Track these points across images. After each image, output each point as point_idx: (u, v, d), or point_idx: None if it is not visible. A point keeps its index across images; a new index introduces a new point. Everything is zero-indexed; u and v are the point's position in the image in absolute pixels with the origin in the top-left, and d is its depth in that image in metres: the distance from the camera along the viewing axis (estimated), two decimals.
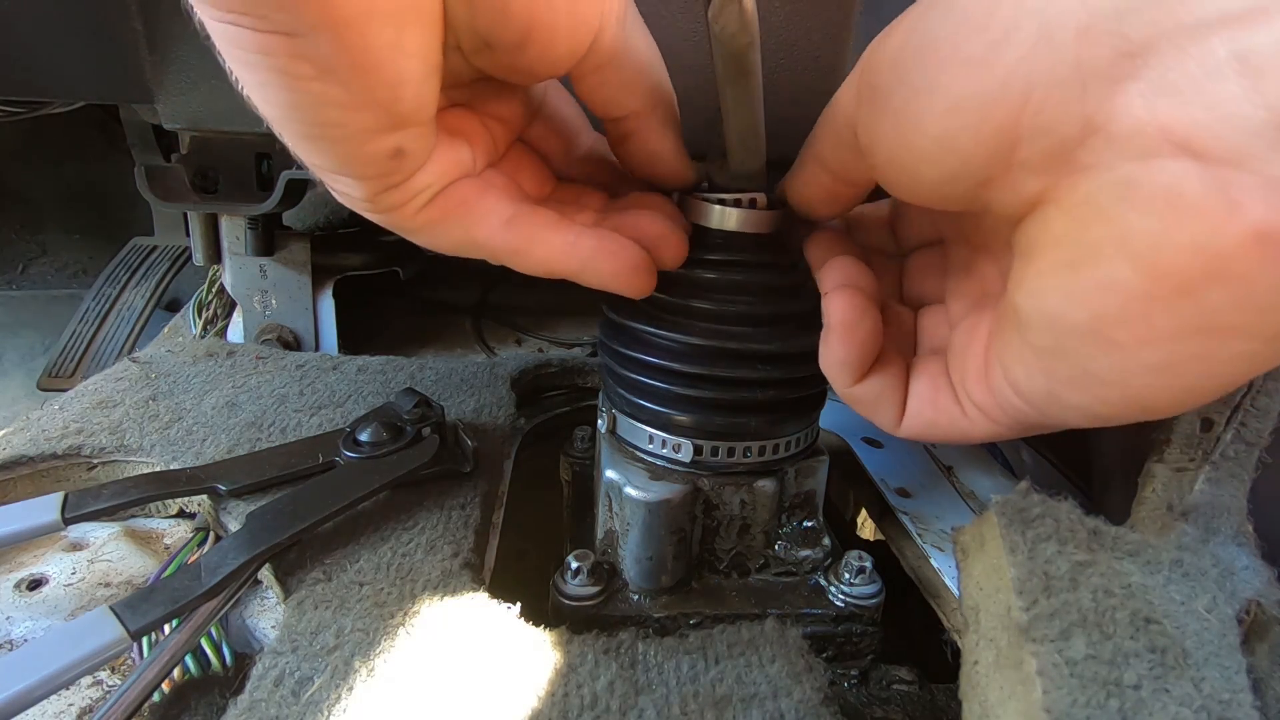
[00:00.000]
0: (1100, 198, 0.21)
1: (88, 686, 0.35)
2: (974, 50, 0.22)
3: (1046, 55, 0.20)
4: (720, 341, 0.33)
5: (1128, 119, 0.19)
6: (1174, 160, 0.19)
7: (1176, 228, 0.19)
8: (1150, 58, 0.19)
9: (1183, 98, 0.18)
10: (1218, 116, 0.18)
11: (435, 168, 0.28)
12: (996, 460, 0.52)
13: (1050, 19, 0.20)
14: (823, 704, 0.30)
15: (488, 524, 0.41)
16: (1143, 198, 0.19)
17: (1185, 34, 0.18)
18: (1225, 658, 0.25)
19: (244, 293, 0.67)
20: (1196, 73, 0.18)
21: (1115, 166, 0.20)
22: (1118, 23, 0.19)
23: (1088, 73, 0.20)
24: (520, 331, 0.78)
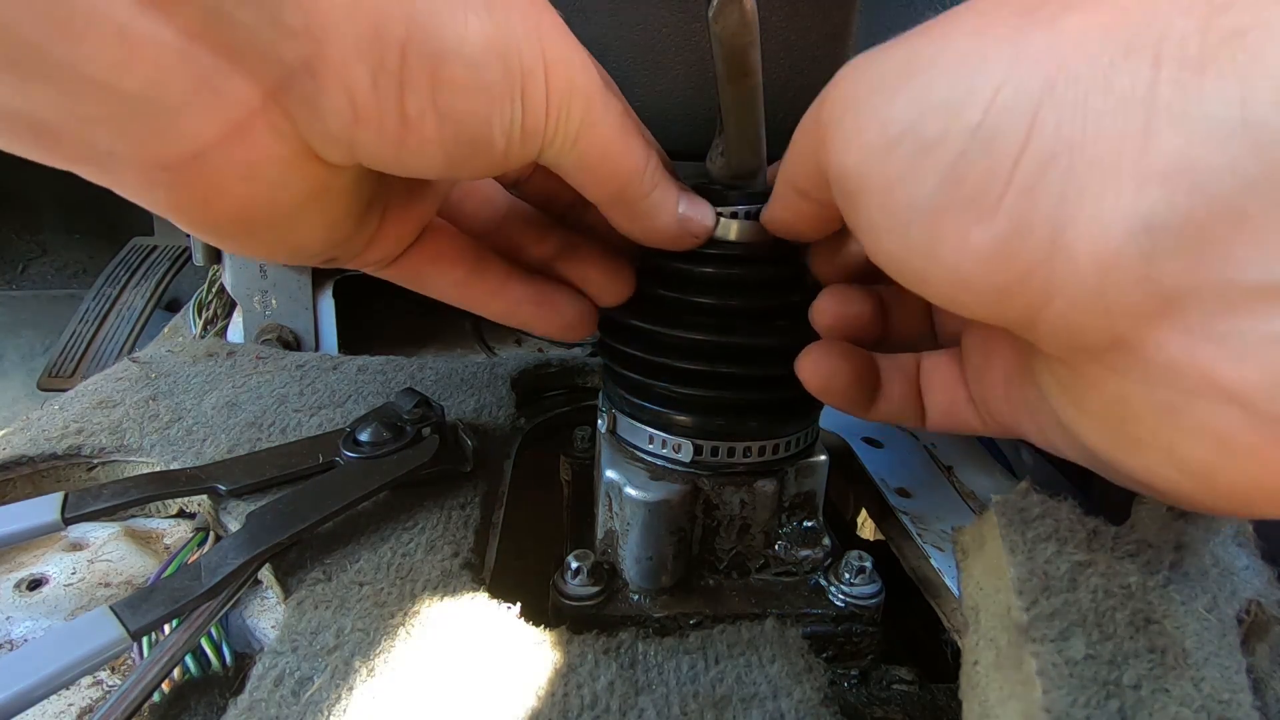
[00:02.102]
0: (1137, 406, 0.19)
1: (88, 686, 0.35)
2: (979, 241, 0.19)
3: (1064, 272, 0.18)
4: (721, 337, 0.33)
5: (1163, 354, 0.18)
6: (1220, 405, 0.17)
7: (1229, 466, 0.18)
8: (1188, 305, 0.17)
9: (1231, 351, 0.17)
10: (1277, 382, 0.16)
11: (383, 248, 0.31)
12: (996, 460, 0.52)
13: (1066, 238, 0.18)
14: (823, 704, 0.30)
15: (488, 524, 0.41)
16: (1188, 428, 0.18)
17: (1233, 291, 0.16)
18: (1225, 658, 0.25)
19: (244, 293, 0.67)
20: (1249, 333, 0.16)
21: (1152, 388, 0.18)
22: (1145, 266, 0.17)
23: (1112, 302, 0.18)
24: (520, 331, 0.78)
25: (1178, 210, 0.16)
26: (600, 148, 0.27)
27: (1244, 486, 0.18)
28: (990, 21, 0.20)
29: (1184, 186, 0.16)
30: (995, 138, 0.19)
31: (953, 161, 0.19)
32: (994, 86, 0.19)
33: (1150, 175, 0.17)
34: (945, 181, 0.20)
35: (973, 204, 0.19)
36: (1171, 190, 0.16)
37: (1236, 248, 0.16)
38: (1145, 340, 0.18)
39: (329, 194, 0.26)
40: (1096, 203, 0.17)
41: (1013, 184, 0.18)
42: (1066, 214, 0.18)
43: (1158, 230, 0.17)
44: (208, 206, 0.23)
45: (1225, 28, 0.16)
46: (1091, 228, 0.17)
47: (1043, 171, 0.18)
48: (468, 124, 0.23)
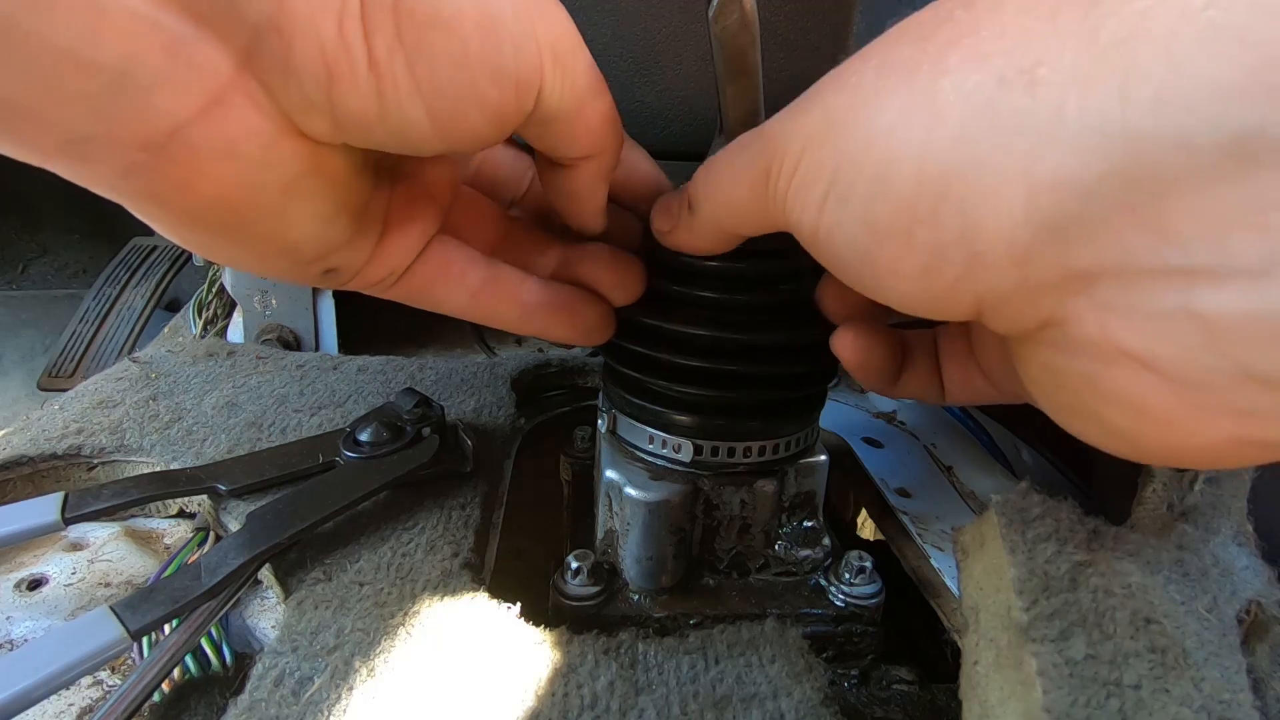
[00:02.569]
0: (1066, 377, 0.21)
1: (88, 686, 0.35)
2: (906, 267, 0.21)
3: (985, 277, 0.20)
4: (721, 333, 0.33)
5: (1083, 328, 0.19)
6: (1135, 372, 0.18)
7: (1148, 428, 0.19)
8: (1099, 282, 0.18)
9: (1136, 327, 0.18)
10: (1179, 354, 0.17)
11: (387, 261, 0.30)
12: (996, 460, 0.52)
13: (978, 249, 0.19)
14: (823, 704, 0.30)
15: (488, 524, 0.41)
16: (1109, 396, 0.19)
17: (1132, 272, 0.17)
18: (1225, 658, 0.25)
19: (244, 293, 0.67)
20: (1147, 309, 0.17)
21: (1076, 360, 0.20)
22: (1058, 253, 0.18)
23: (1034, 287, 0.19)
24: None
25: (1070, 213, 0.18)
26: (589, 90, 0.27)
27: (1164, 446, 0.20)
28: (889, 60, 0.21)
29: (1074, 194, 0.17)
30: (891, 182, 0.20)
31: (864, 208, 0.21)
32: (886, 134, 0.20)
33: (1038, 188, 0.18)
34: (864, 225, 0.22)
35: (890, 241, 0.21)
36: (1061, 197, 0.17)
37: (1130, 237, 0.17)
38: (1068, 316, 0.19)
39: (318, 179, 0.25)
40: (995, 219, 0.19)
41: (916, 220, 0.20)
42: (972, 233, 0.19)
43: (1058, 229, 0.18)
44: (188, 191, 0.23)
45: (1103, 41, 0.17)
46: (998, 238, 0.19)
47: (938, 204, 0.20)
48: (443, 65, 0.23)
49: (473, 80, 0.23)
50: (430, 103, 0.23)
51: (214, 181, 0.23)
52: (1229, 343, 0.17)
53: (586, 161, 0.29)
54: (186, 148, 0.22)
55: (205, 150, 0.22)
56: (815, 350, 0.34)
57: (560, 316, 0.34)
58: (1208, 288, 0.16)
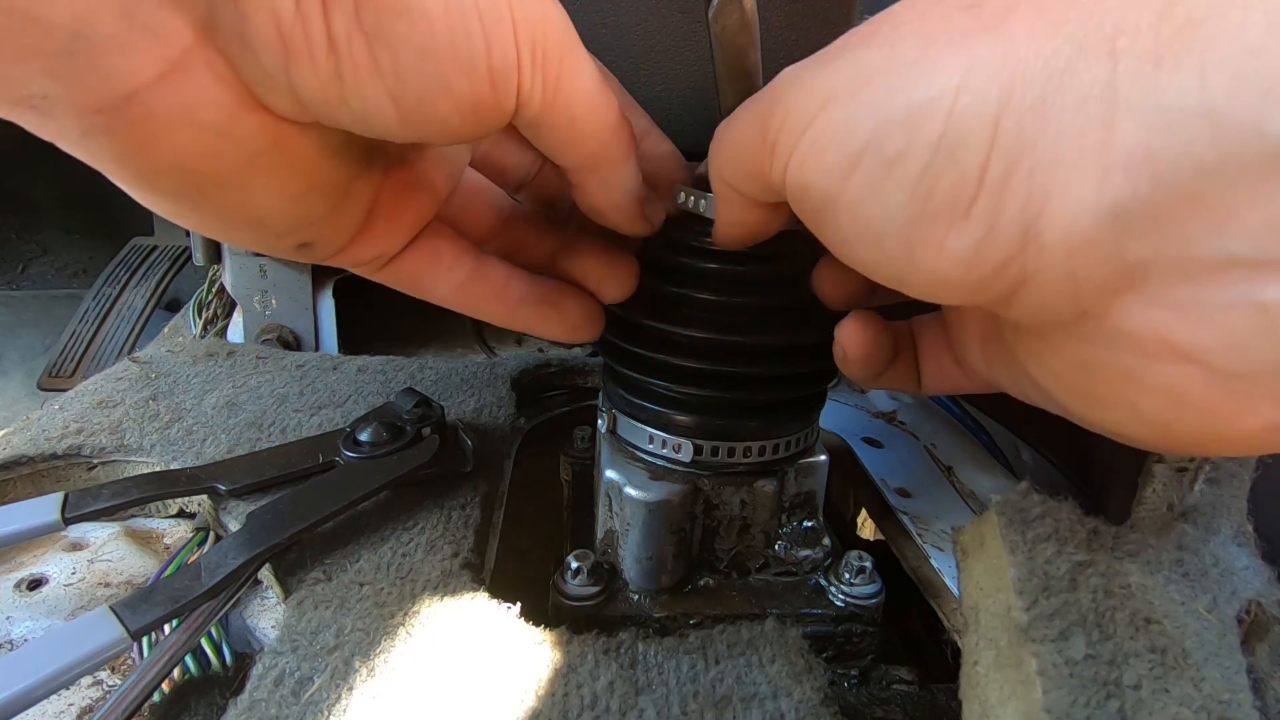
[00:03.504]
0: (1101, 369, 0.20)
1: (88, 686, 0.35)
2: (954, 246, 0.20)
3: (1037, 261, 0.19)
4: (721, 335, 0.33)
5: (1127, 322, 0.19)
6: (1177, 365, 0.18)
7: (1186, 417, 0.19)
8: (1151, 278, 0.18)
9: (1188, 318, 0.18)
10: (1231, 345, 0.17)
11: (375, 245, 0.29)
12: (996, 460, 0.52)
13: (1038, 228, 0.19)
14: (823, 704, 0.30)
15: (488, 524, 0.41)
16: (1148, 388, 0.19)
17: (1191, 265, 0.17)
18: (1225, 658, 0.25)
19: (244, 293, 0.67)
20: (1205, 301, 0.17)
21: (1115, 353, 0.20)
22: (1115, 245, 0.18)
23: (1081, 281, 0.19)
24: (520, 331, 0.78)
25: (1140, 196, 0.17)
26: (584, 96, 0.26)
27: (1200, 434, 0.20)
28: (932, 24, 0.20)
29: (1146, 174, 0.17)
30: (959, 148, 0.19)
31: (919, 174, 0.20)
32: (951, 96, 0.19)
33: (1113, 166, 0.17)
34: (914, 194, 0.20)
35: (944, 212, 0.20)
36: (1134, 179, 0.17)
37: (1193, 226, 0.17)
38: (1110, 311, 0.19)
39: (283, 155, 0.24)
40: (1063, 195, 0.18)
41: (982, 190, 0.19)
42: (1035, 209, 0.19)
43: (1123, 215, 0.17)
44: (147, 155, 0.22)
45: (1180, 18, 0.16)
46: (1061, 218, 0.18)
47: (1009, 174, 0.19)
48: (405, 54, 0.21)
49: (439, 70, 0.22)
50: (393, 89, 0.22)
51: (173, 148, 0.22)
52: None
53: (589, 174, 0.28)
54: (145, 112, 0.21)
55: (164, 116, 0.21)
56: (815, 351, 0.34)
57: (545, 312, 0.33)
58: (1273, 279, 0.16)
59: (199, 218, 0.25)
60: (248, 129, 0.22)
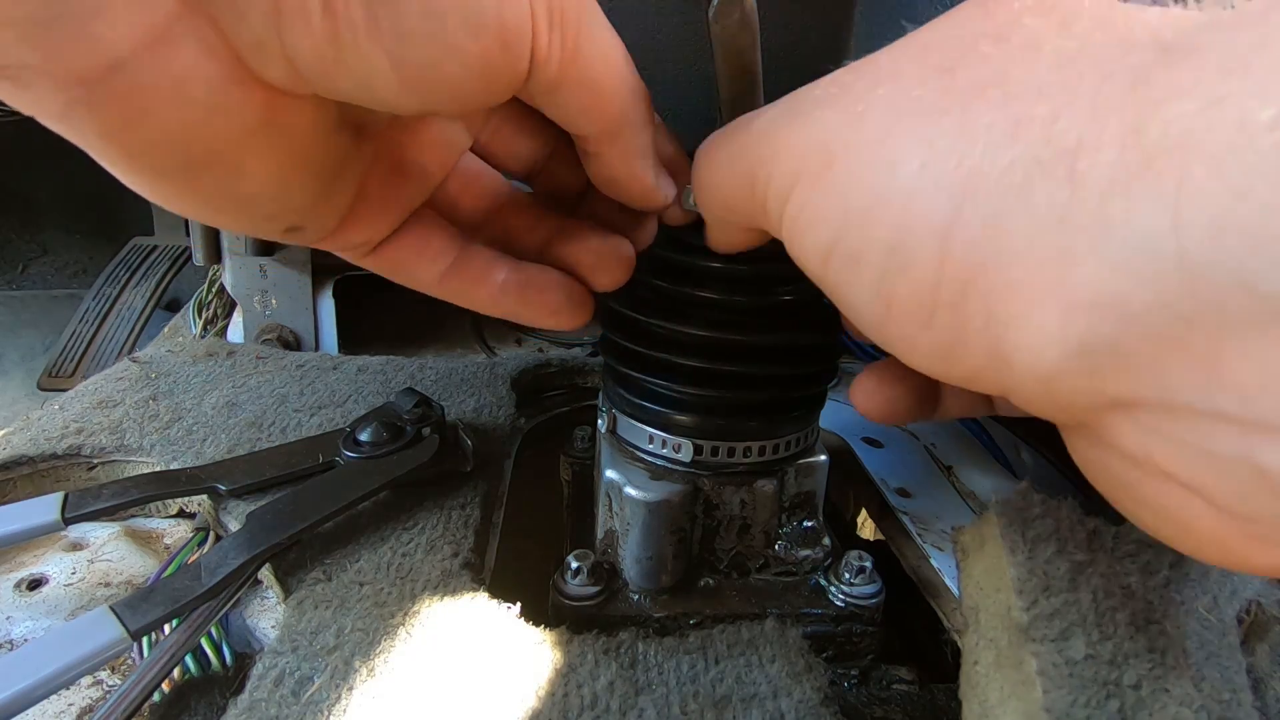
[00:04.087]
0: (1105, 474, 0.19)
1: (88, 686, 0.35)
2: (922, 344, 0.19)
3: (1010, 378, 0.18)
4: (722, 334, 0.33)
5: (1122, 441, 0.17)
6: (1181, 494, 0.16)
7: (1193, 542, 0.18)
8: (1138, 408, 0.16)
9: (1183, 455, 0.16)
10: (1231, 492, 0.15)
11: (362, 231, 0.28)
12: (996, 460, 0.52)
13: (1003, 351, 0.17)
14: (823, 704, 0.30)
15: (488, 524, 0.41)
16: (1152, 507, 0.18)
17: (1177, 409, 0.15)
18: (1225, 658, 0.25)
19: (244, 293, 0.67)
20: (1201, 449, 0.15)
21: (1116, 465, 0.18)
22: (1089, 380, 0.16)
23: (1062, 405, 0.17)
24: (520, 331, 0.78)
25: (1108, 338, 0.15)
26: (604, 58, 0.24)
27: (1204, 556, 0.18)
28: (905, 90, 0.19)
29: (1112, 317, 0.15)
30: (910, 258, 0.18)
31: (878, 277, 0.19)
32: (905, 195, 0.18)
33: (1075, 304, 0.15)
34: (878, 295, 0.19)
35: (908, 318, 0.19)
36: (1099, 319, 0.15)
37: (1175, 375, 0.15)
38: (1104, 427, 0.17)
39: (278, 132, 0.22)
40: (1023, 326, 0.16)
41: (938, 303, 0.18)
42: (997, 332, 0.17)
43: (1091, 355, 0.16)
44: (133, 130, 0.20)
45: (1150, 141, 0.14)
46: (1025, 349, 0.17)
47: (963, 294, 0.17)
48: (407, 9, 0.20)
49: (444, 30, 0.20)
50: (394, 51, 0.20)
51: (160, 124, 0.20)
52: None
53: (610, 142, 0.27)
54: (130, 85, 0.19)
55: (150, 90, 0.20)
56: (815, 351, 0.34)
57: (527, 296, 0.32)
58: (1268, 442, 0.14)
59: (186, 200, 0.23)
60: (239, 103, 0.21)
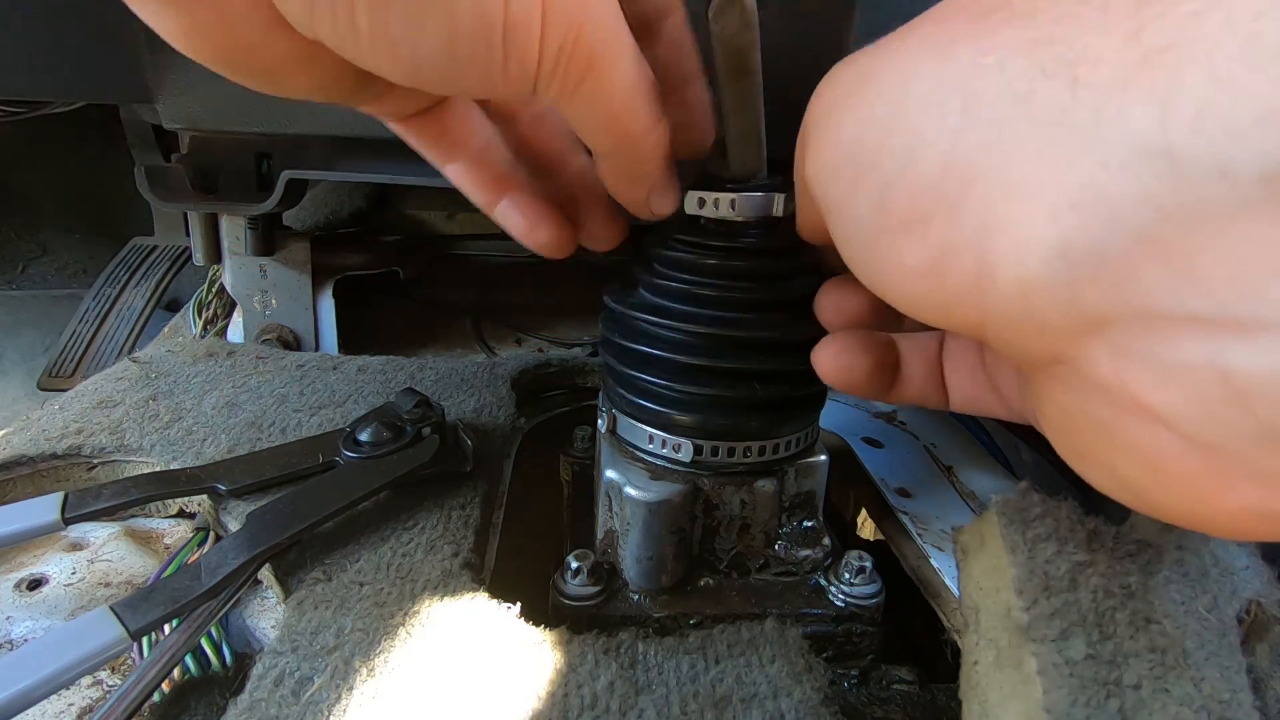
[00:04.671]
0: (1078, 421, 0.19)
1: (88, 686, 0.35)
2: (913, 260, 0.19)
3: (992, 294, 0.18)
4: (721, 331, 0.33)
5: (1096, 371, 0.17)
6: (1153, 427, 0.17)
7: (1164, 486, 0.18)
8: (1113, 326, 0.16)
9: (1152, 374, 0.16)
10: (1199, 412, 0.16)
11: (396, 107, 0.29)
12: (996, 460, 0.52)
13: (987, 260, 0.18)
14: (823, 704, 0.30)
15: (488, 524, 0.41)
16: (1124, 447, 0.18)
17: (1150, 318, 0.16)
18: (1225, 658, 0.25)
19: (244, 293, 0.67)
20: (1167, 359, 0.16)
21: (1090, 403, 0.18)
22: (1068, 290, 0.16)
23: (1040, 323, 0.18)
24: (520, 331, 0.78)
25: (1092, 238, 0.16)
26: (606, 103, 0.25)
27: (1176, 507, 0.18)
28: (939, 29, 0.20)
29: (1099, 215, 0.16)
30: (917, 160, 0.19)
31: (884, 183, 0.20)
32: (920, 104, 0.19)
33: (1064, 203, 0.16)
34: (879, 203, 0.20)
35: (903, 226, 0.19)
36: (1085, 219, 0.16)
37: (1151, 277, 0.15)
38: (1079, 356, 0.18)
39: (314, 60, 0.24)
40: (1014, 228, 0.17)
41: (936, 207, 0.19)
42: (988, 238, 0.18)
43: (1073, 258, 0.16)
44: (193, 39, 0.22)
45: (1145, 45, 0.15)
46: (1010, 253, 0.17)
47: (962, 195, 0.18)
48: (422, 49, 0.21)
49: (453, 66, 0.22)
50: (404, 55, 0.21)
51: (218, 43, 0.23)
52: (1258, 404, 0.15)
53: (604, 158, 0.28)
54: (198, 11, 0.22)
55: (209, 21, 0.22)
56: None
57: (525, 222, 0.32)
58: (1237, 342, 0.15)
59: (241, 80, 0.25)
60: (276, 39, 0.22)
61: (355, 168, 0.56)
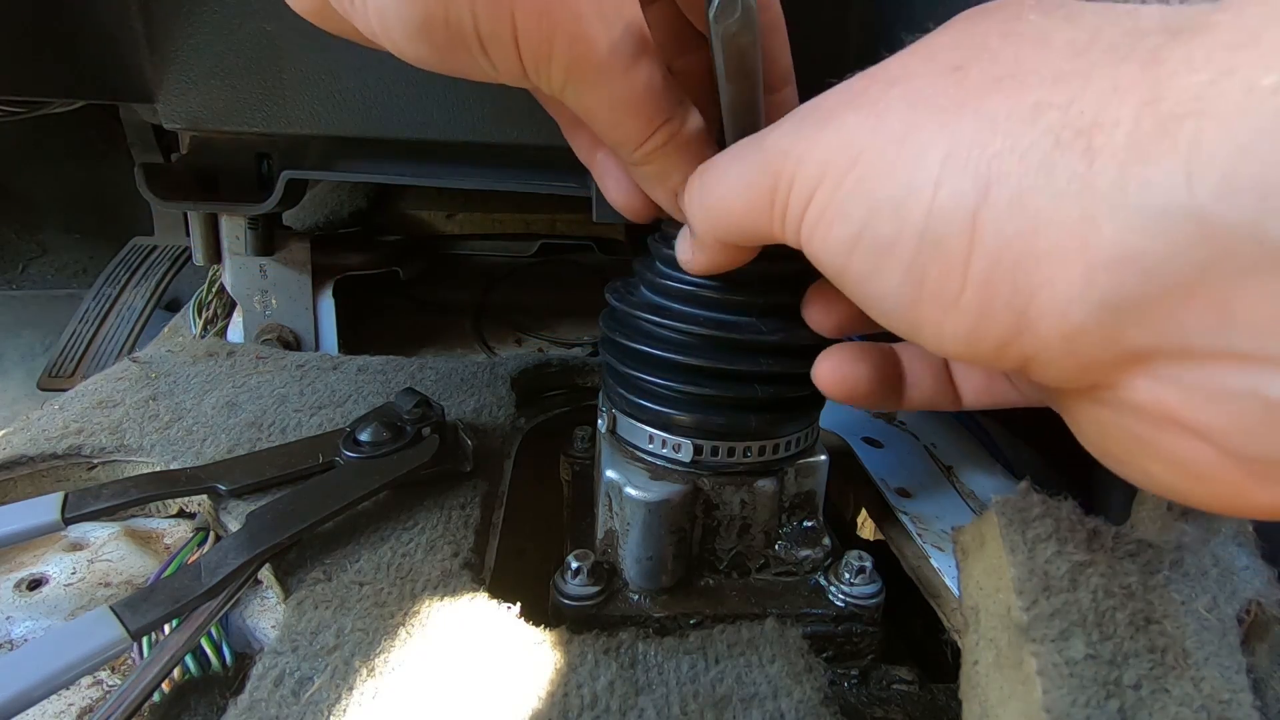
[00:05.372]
0: (1115, 434, 0.20)
1: (88, 686, 0.35)
2: (950, 326, 0.20)
3: (1033, 345, 0.19)
4: (722, 332, 0.33)
5: (1135, 396, 0.18)
6: (1191, 441, 0.18)
7: (1200, 489, 0.19)
8: (1154, 360, 0.18)
9: (1195, 400, 0.17)
10: (1240, 431, 0.17)
11: None
12: (996, 460, 0.52)
13: (1030, 318, 0.19)
14: (823, 704, 0.30)
15: (488, 524, 0.41)
16: (1159, 457, 0.19)
17: (1190, 353, 0.17)
18: (1225, 658, 0.25)
19: (244, 293, 0.67)
20: (1211, 387, 0.17)
21: (1127, 422, 0.19)
22: (1111, 333, 0.17)
23: (1082, 361, 0.19)
24: (520, 331, 0.78)
25: (1129, 292, 0.17)
26: (586, 109, 0.26)
27: (1216, 504, 0.19)
28: (919, 90, 0.20)
29: (1133, 272, 0.16)
30: (942, 240, 0.19)
31: (910, 262, 0.20)
32: (933, 185, 0.19)
33: (1097, 264, 0.17)
34: (908, 279, 0.21)
35: (936, 299, 0.20)
36: (1121, 276, 0.17)
37: (1191, 321, 0.16)
38: (1118, 384, 0.19)
39: None
40: (1050, 290, 0.18)
41: (968, 280, 0.19)
42: (1024, 300, 0.18)
43: (1113, 309, 0.17)
44: None
45: (1163, 113, 0.16)
46: (1051, 311, 0.18)
47: (993, 269, 0.19)
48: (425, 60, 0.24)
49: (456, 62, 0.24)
50: None
51: None
52: None
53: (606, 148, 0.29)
54: None
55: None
56: (815, 350, 0.33)
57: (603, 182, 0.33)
58: (1275, 374, 0.16)
59: None
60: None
61: (355, 168, 0.56)
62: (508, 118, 0.50)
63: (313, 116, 0.50)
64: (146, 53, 0.48)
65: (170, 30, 0.47)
